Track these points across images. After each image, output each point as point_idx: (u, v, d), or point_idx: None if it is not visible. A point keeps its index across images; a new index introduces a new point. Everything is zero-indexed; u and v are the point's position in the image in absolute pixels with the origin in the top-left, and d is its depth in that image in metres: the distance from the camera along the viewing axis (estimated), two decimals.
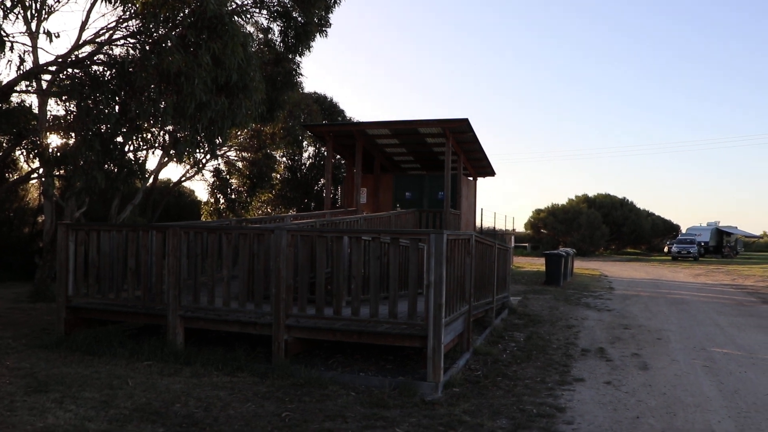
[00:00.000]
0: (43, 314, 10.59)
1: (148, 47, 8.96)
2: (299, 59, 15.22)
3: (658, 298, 16.88)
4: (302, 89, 18.57)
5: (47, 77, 10.65)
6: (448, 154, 18.84)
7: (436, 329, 6.38)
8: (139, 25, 9.24)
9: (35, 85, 11.39)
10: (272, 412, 5.48)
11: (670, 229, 67.33)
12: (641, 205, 74.00)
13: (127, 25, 9.60)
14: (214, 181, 23.72)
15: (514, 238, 39.04)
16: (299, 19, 14.21)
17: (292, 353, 7.13)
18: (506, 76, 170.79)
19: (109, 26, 9.83)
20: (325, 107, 28.10)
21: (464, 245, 7.84)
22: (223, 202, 23.79)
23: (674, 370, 7.79)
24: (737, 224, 67.81)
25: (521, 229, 55.24)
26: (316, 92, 28.53)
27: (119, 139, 9.49)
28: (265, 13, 14.30)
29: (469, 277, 8.01)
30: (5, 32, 8.15)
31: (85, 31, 10.75)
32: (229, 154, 23.67)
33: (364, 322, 6.89)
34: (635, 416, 5.80)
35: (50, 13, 10.84)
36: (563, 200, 59.75)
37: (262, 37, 15.09)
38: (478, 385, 6.69)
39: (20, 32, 10.31)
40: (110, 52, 9.62)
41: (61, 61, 9.54)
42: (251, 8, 13.87)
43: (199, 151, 10.42)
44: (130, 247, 8.08)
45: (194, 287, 7.70)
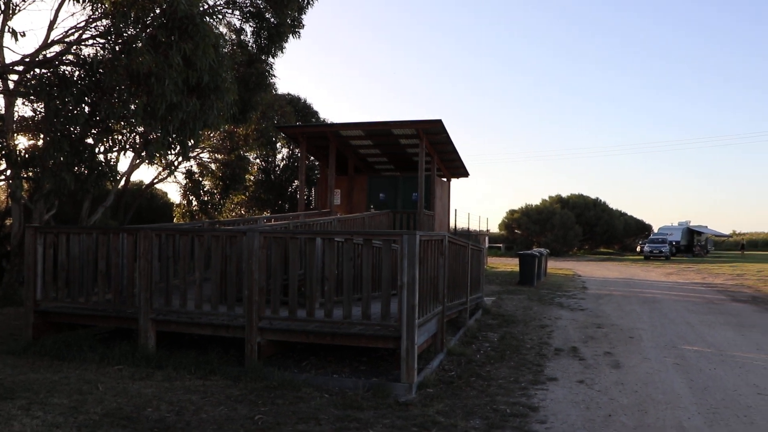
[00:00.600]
0: (10, 319, 10.36)
1: (118, 47, 8.86)
2: (272, 60, 15.23)
3: (630, 297, 17.12)
4: (276, 90, 18.49)
5: (14, 77, 10.46)
6: (421, 155, 18.87)
7: (409, 330, 6.38)
8: (108, 25, 9.14)
9: (1, 85, 11.17)
10: (245, 415, 5.44)
11: (642, 228, 68.45)
12: (614, 205, 75.44)
13: (96, 24, 9.48)
14: (186, 182, 23.46)
15: (488, 238, 39.32)
16: (272, 19, 14.16)
17: (265, 356, 7.09)
18: (482, 76, 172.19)
19: (78, 26, 9.70)
20: (298, 109, 27.98)
21: (437, 246, 7.86)
22: (195, 204, 23.54)
23: (646, 368, 7.90)
24: (708, 224, 69.23)
25: (495, 229, 55.75)
26: (289, 93, 28.45)
27: (89, 140, 9.36)
28: (237, 13, 14.24)
29: (442, 277, 8.02)
30: None
31: (53, 30, 10.60)
32: (201, 155, 23.46)
33: (337, 323, 6.88)
34: (607, 414, 5.88)
35: (15, 12, 10.65)
36: (537, 201, 60.57)
37: (234, 38, 15.00)
38: (451, 385, 6.71)
39: None
40: (79, 52, 9.49)
41: (28, 60, 9.37)
42: (224, 9, 13.80)
43: (170, 152, 10.31)
44: (100, 250, 7.95)
45: (166, 290, 7.61)
